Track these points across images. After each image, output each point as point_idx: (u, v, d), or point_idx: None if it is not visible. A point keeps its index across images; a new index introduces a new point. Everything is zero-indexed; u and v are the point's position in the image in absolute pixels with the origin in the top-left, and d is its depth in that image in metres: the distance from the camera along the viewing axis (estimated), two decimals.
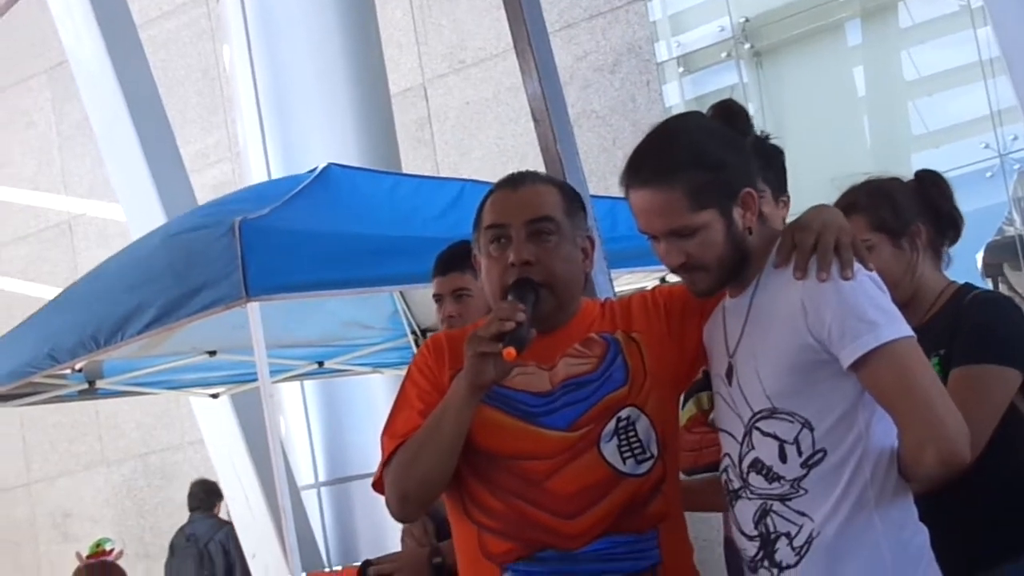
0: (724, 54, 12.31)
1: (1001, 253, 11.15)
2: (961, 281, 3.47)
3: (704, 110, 2.90)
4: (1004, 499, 3.25)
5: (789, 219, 2.94)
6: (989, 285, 9.72)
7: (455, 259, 4.11)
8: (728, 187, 2.70)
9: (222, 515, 11.05)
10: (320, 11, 9.62)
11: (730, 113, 2.81)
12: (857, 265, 2.63)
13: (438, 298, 4.23)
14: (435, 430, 2.73)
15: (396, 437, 2.81)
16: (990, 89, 10.99)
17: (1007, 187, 11.26)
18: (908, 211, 3.42)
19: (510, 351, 2.59)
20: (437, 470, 2.75)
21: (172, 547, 10.93)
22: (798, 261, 2.65)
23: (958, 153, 11.38)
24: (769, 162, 3.31)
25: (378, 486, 2.86)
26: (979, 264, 10.49)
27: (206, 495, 10.98)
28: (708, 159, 2.70)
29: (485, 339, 2.62)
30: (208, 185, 12.58)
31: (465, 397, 2.68)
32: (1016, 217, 11.29)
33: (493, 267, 2.82)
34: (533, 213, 2.82)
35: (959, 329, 3.27)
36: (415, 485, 2.76)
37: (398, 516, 2.88)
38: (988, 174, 11.15)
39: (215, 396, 8.96)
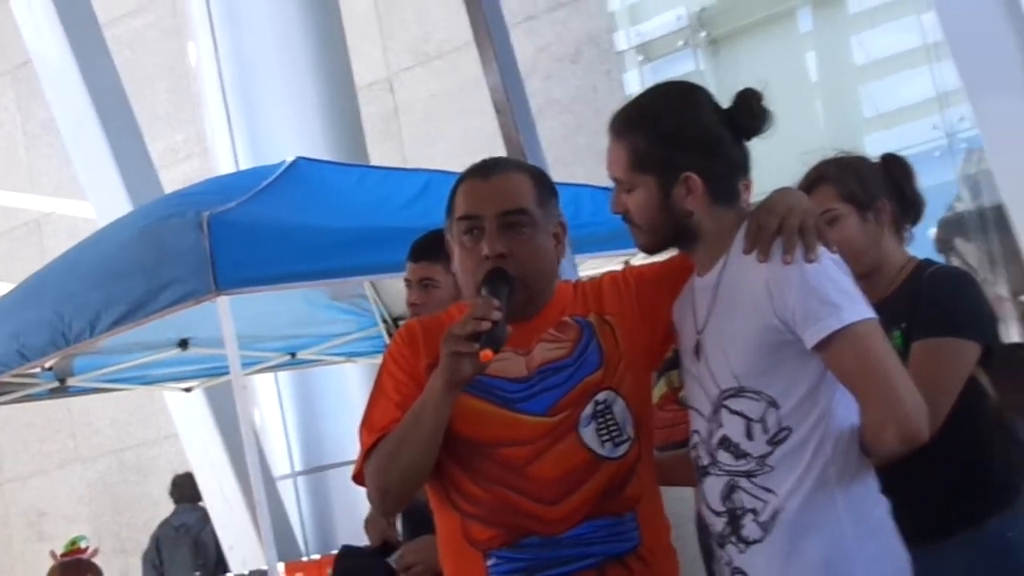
0: (681, 42, 12.34)
1: (952, 229, 11.22)
2: (919, 257, 3.49)
3: None
4: (964, 468, 3.28)
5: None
6: (942, 259, 9.76)
7: (427, 248, 4.11)
8: (670, 165, 2.73)
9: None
10: (284, 6, 9.58)
11: (742, 105, 2.79)
12: (821, 248, 2.63)
13: (408, 282, 4.23)
14: (414, 426, 2.70)
15: (375, 430, 2.79)
16: (936, 72, 11.06)
17: (955, 166, 11.33)
18: (875, 186, 3.45)
19: (487, 353, 2.57)
20: (417, 464, 2.73)
21: (158, 539, 10.88)
22: (761, 244, 2.66)
23: (908, 134, 11.45)
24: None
25: (358, 478, 2.84)
26: (932, 239, 10.55)
27: (191, 487, 10.97)
28: (660, 131, 2.74)
29: (461, 338, 2.59)
30: (177, 181, 12.45)
31: (442, 393, 2.66)
32: (965, 194, 11.36)
33: (467, 258, 2.80)
34: (506, 205, 2.79)
35: (920, 303, 3.30)
36: (396, 479, 2.74)
37: (380, 510, 2.87)
38: (936, 153, 11.21)
39: (188, 390, 8.91)
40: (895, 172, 3.51)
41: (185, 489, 10.94)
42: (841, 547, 2.61)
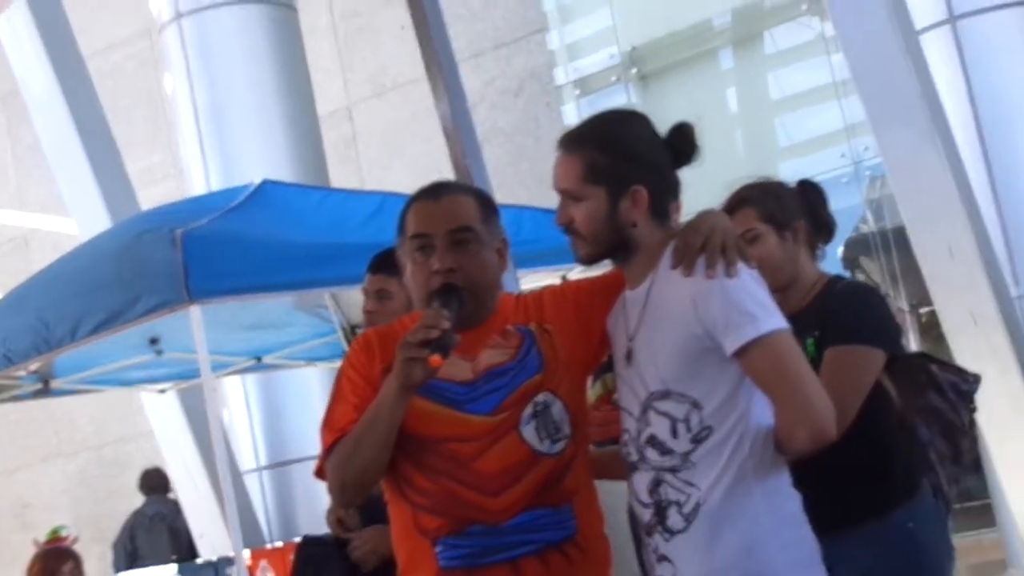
0: (614, 78, 12.39)
1: (857, 248, 11.33)
2: (830, 273, 3.51)
3: None
4: (870, 465, 3.29)
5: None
6: (850, 276, 9.84)
7: (384, 263, 4.11)
8: (622, 177, 2.72)
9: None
10: (253, 43, 9.56)
11: (679, 135, 2.80)
12: (740, 264, 2.63)
13: (365, 292, 4.23)
14: (371, 426, 2.69)
15: (334, 430, 2.78)
16: (843, 106, 11.16)
17: (861, 191, 11.41)
18: (792, 209, 3.47)
19: (436, 359, 2.58)
20: (374, 462, 2.72)
21: (132, 527, 10.78)
22: (687, 260, 2.66)
23: (818, 162, 11.56)
24: None
25: (320, 474, 2.83)
26: (839, 257, 10.63)
27: (161, 480, 10.91)
28: (614, 146, 2.74)
29: (414, 345, 2.59)
30: (154, 199, 12.33)
31: (396, 396, 2.65)
32: (869, 216, 11.46)
33: (418, 272, 2.79)
34: (454, 223, 2.78)
35: (831, 314, 3.31)
36: (354, 476, 2.73)
37: (339, 503, 2.85)
38: (844, 180, 11.31)
39: (162, 391, 8.85)
40: (810, 196, 3.53)
41: (154, 481, 10.90)
42: (758, 535, 2.61)
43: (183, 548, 10.40)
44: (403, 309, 4.13)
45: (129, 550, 10.61)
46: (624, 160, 2.73)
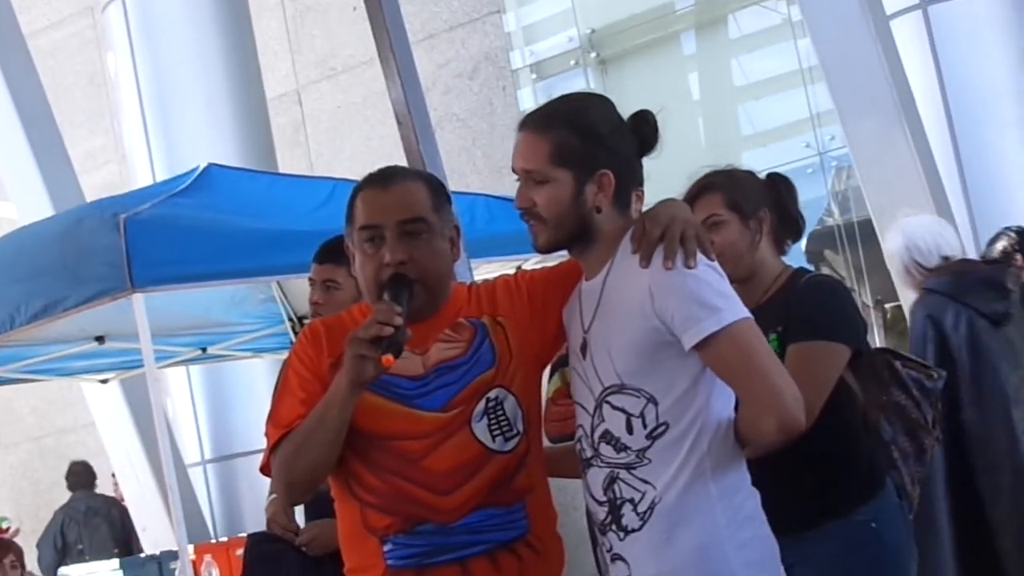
0: (573, 62, 12.41)
1: (822, 241, 11.38)
2: (793, 266, 3.51)
3: None
4: (833, 463, 3.30)
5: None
6: (813, 269, 9.87)
7: (331, 252, 4.09)
8: (591, 161, 2.69)
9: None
10: (198, 22, 9.52)
11: (641, 122, 2.78)
12: (699, 255, 2.62)
13: (312, 282, 4.21)
14: (319, 423, 2.66)
15: (281, 426, 2.74)
16: (810, 94, 11.21)
17: (826, 182, 11.47)
18: (758, 198, 3.47)
19: (388, 358, 2.55)
20: (322, 459, 2.69)
21: (62, 522, 10.73)
22: (643, 251, 2.64)
23: (782, 152, 11.61)
24: None
25: (266, 470, 2.80)
26: (803, 250, 10.67)
27: (86, 474, 10.87)
28: (583, 128, 2.71)
29: (365, 342, 2.55)
30: (96, 185, 12.34)
31: (346, 393, 2.62)
32: (835, 209, 11.52)
33: (367, 263, 2.75)
34: (405, 214, 2.74)
35: (794, 308, 3.31)
36: (301, 473, 2.71)
37: (286, 501, 2.82)
38: (809, 170, 11.37)
39: (104, 381, 8.80)
40: (780, 189, 3.53)
41: (81, 476, 10.89)
42: (714, 535, 2.60)
43: (122, 542, 10.40)
44: (351, 300, 4.11)
45: (59, 546, 10.57)
46: (594, 143, 2.70)
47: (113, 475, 11.54)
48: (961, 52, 8.83)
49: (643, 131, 2.76)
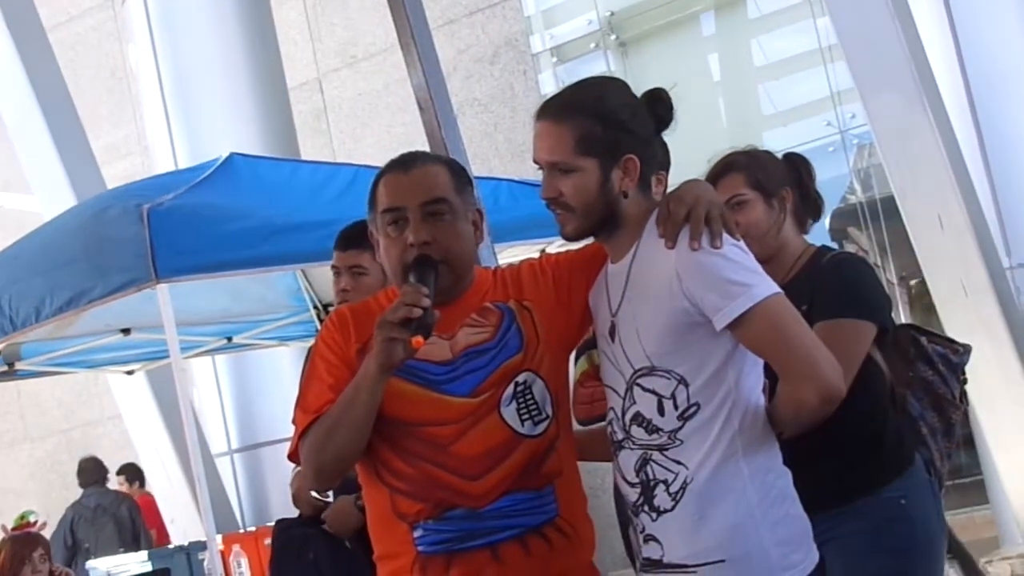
0: (593, 45, 12.39)
1: (845, 219, 11.34)
2: (816, 244, 3.51)
3: None
4: (861, 441, 3.29)
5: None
6: (836, 247, 9.86)
7: (355, 238, 4.08)
8: (614, 146, 2.68)
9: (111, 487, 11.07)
10: (219, 12, 9.52)
11: (656, 98, 2.77)
12: (725, 235, 2.61)
13: (336, 271, 4.20)
14: (349, 407, 2.66)
15: (309, 412, 2.74)
16: (830, 72, 11.17)
17: (848, 160, 11.43)
18: (779, 178, 3.47)
19: (418, 340, 2.54)
20: (351, 444, 2.69)
21: (71, 520, 10.74)
22: (668, 231, 2.64)
23: (804, 130, 11.58)
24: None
25: (293, 457, 2.79)
26: (827, 228, 10.64)
27: (97, 471, 10.88)
28: (606, 114, 2.69)
29: (395, 325, 2.55)
30: (118, 176, 12.35)
31: (376, 377, 2.61)
32: (857, 186, 11.48)
33: (392, 247, 2.75)
34: (427, 195, 2.75)
35: (819, 287, 3.30)
36: (331, 458, 2.70)
37: (315, 486, 2.82)
38: (831, 148, 11.33)
39: (131, 373, 8.82)
40: (799, 169, 3.53)
41: (91, 473, 10.89)
42: (747, 513, 2.59)
43: (129, 540, 10.40)
44: (379, 285, 4.11)
45: (69, 544, 10.58)
46: (617, 129, 2.68)
47: (119, 473, 11.59)
48: (980, 28, 8.80)
49: (659, 109, 2.75)
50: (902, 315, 11.45)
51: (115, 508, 10.67)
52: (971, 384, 3.64)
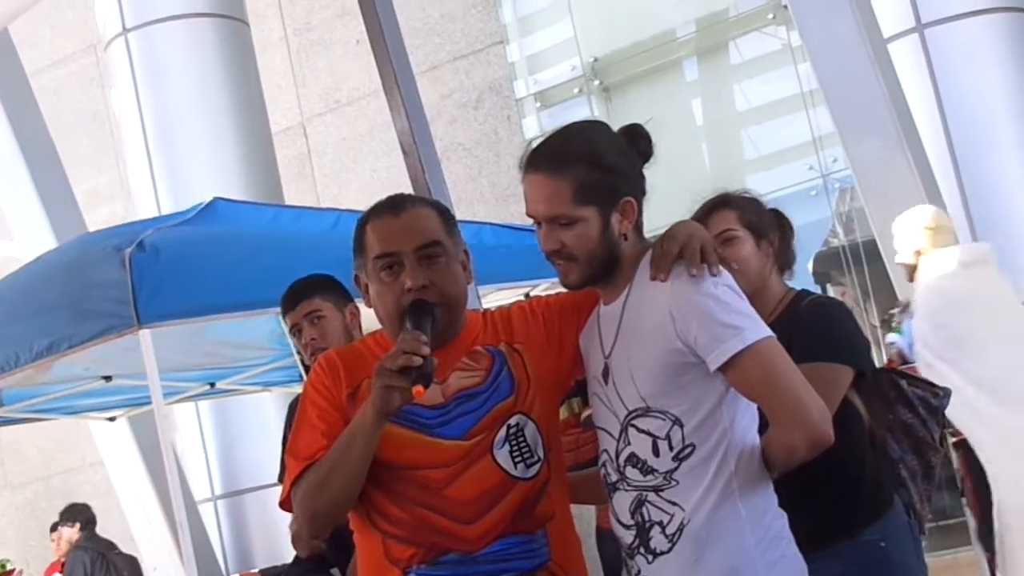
0: (576, 90, 12.45)
1: (828, 262, 11.39)
2: (795, 288, 3.54)
3: None
4: (840, 484, 3.29)
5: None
6: (819, 290, 9.91)
7: (300, 291, 4.20)
8: (612, 192, 2.68)
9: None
10: (203, 56, 9.54)
11: (635, 134, 2.78)
12: (722, 275, 2.64)
13: (296, 328, 4.25)
14: (344, 454, 2.64)
15: (302, 459, 2.72)
16: (812, 117, 11.24)
17: (830, 204, 11.49)
18: (769, 222, 3.52)
19: (419, 389, 2.53)
20: (347, 491, 2.67)
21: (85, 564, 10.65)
22: (661, 265, 2.64)
23: (786, 174, 11.63)
24: None
25: (285, 504, 2.78)
26: (810, 272, 10.70)
27: (72, 517, 10.77)
28: (600, 161, 2.68)
29: (395, 372, 2.53)
30: (101, 221, 12.29)
31: (373, 424, 2.60)
32: (839, 230, 11.53)
33: (387, 292, 2.73)
34: (422, 239, 2.73)
35: (798, 330, 3.30)
36: (325, 506, 2.68)
37: (309, 534, 2.81)
38: (813, 192, 11.38)
39: (112, 419, 8.77)
40: (784, 223, 3.59)
41: (83, 515, 10.76)
42: (744, 555, 2.59)
43: None
44: (341, 324, 4.19)
45: None
46: (612, 173, 2.68)
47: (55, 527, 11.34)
48: (958, 73, 8.89)
49: (640, 144, 2.76)
50: (884, 358, 11.47)
51: (102, 551, 10.59)
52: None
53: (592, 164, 2.67)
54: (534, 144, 2.79)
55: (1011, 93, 8.92)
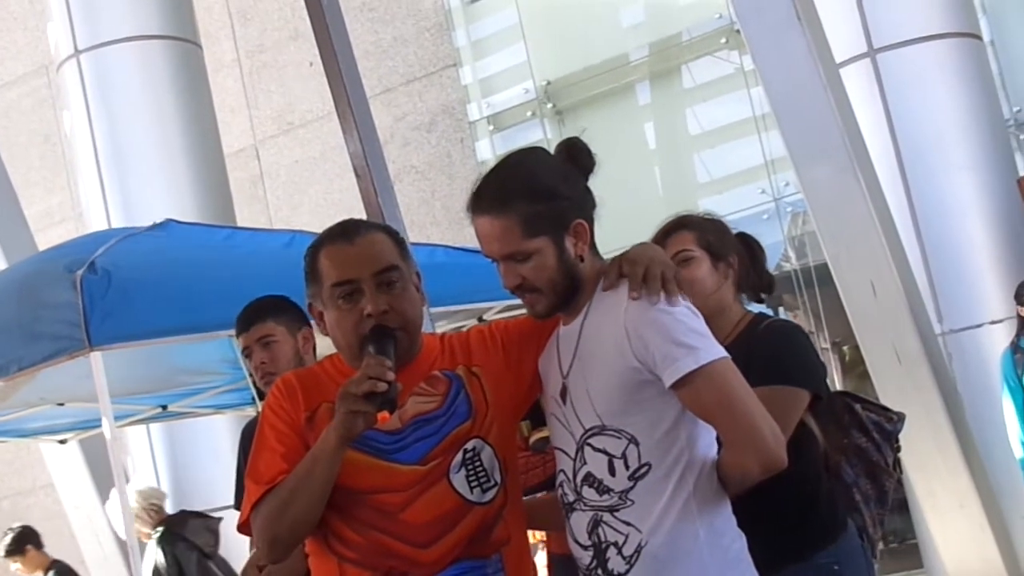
0: (529, 113, 12.47)
1: (780, 286, 11.42)
2: (753, 311, 3.54)
3: None
4: (794, 506, 3.29)
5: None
6: (772, 314, 9.94)
7: (254, 313, 4.21)
8: (560, 217, 2.68)
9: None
10: (155, 78, 9.47)
11: (574, 151, 2.78)
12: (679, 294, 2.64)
13: (247, 351, 4.25)
14: (305, 479, 2.63)
15: (262, 483, 2.70)
16: (764, 141, 11.30)
17: (782, 228, 11.54)
18: (729, 244, 3.52)
19: (384, 415, 2.55)
20: (307, 515, 2.66)
21: None
22: (632, 286, 2.64)
23: (739, 198, 11.68)
24: None
25: (244, 528, 2.76)
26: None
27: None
28: (541, 191, 2.68)
29: (359, 398, 2.52)
30: (52, 243, 12.21)
31: (335, 448, 2.59)
32: (791, 254, 11.58)
33: (345, 319, 2.72)
34: (379, 265, 2.73)
35: (754, 353, 3.30)
36: (286, 530, 2.66)
37: (269, 558, 2.78)
38: (765, 216, 11.44)
39: (63, 442, 8.69)
40: (752, 247, 3.61)
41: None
42: None
43: None
44: (292, 349, 4.19)
45: None
46: (557, 200, 2.68)
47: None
48: (910, 98, 8.95)
49: (581, 160, 2.76)
50: (836, 382, 11.53)
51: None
52: (905, 449, 3.67)
53: (534, 195, 2.67)
54: (474, 188, 2.76)
55: (962, 117, 8.99)
